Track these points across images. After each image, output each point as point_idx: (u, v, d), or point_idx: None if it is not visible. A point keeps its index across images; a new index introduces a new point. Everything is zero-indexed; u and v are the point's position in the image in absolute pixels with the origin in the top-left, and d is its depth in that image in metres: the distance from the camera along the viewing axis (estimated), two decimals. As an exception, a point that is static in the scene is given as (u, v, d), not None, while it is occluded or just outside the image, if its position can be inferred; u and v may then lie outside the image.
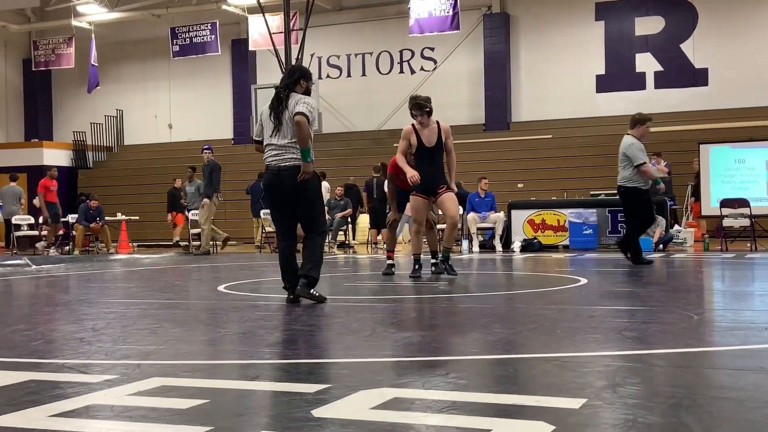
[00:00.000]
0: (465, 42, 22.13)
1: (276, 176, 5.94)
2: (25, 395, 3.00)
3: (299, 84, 6.02)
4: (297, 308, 5.77)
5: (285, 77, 6.10)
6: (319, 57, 23.45)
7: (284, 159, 5.91)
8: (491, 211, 14.99)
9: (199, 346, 4.25)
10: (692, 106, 19.96)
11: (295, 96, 5.95)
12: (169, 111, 25.43)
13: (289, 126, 5.88)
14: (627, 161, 9.65)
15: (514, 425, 2.45)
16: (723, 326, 4.69)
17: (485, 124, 21.95)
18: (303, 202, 5.98)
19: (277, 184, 5.97)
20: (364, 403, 2.75)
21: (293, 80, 6.01)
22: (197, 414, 2.66)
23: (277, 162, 5.94)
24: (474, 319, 5.07)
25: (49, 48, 24.00)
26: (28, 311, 6.40)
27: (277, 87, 6.06)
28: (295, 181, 5.87)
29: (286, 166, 5.89)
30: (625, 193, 9.75)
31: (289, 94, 5.96)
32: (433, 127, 7.97)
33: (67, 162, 24.84)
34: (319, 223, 6.09)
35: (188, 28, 22.50)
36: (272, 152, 5.97)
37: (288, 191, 5.93)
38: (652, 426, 2.43)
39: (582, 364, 3.47)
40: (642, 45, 20.69)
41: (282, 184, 5.93)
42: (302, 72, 6.10)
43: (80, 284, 8.91)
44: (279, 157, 5.93)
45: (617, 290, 7.11)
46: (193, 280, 9.44)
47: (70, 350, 4.11)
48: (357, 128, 23.24)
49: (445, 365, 3.48)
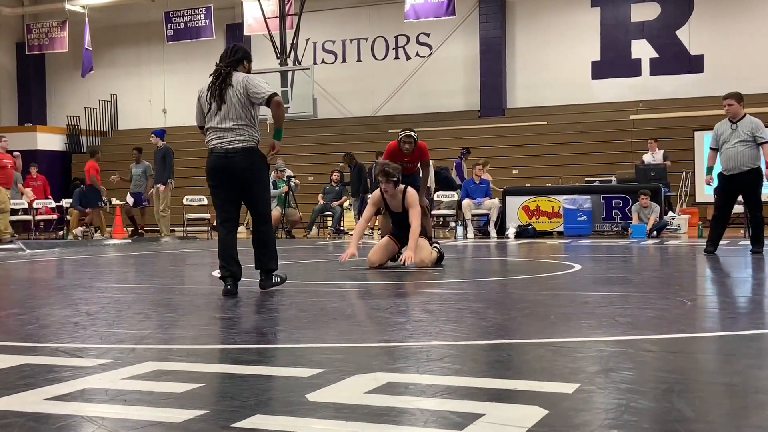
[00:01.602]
0: (460, 28, 22.07)
1: (223, 159, 5.69)
2: (19, 379, 3.00)
3: (242, 64, 5.81)
4: (291, 293, 5.77)
5: (227, 55, 5.80)
6: (314, 42, 23.35)
7: (231, 141, 5.67)
8: (486, 197, 15.00)
9: (194, 330, 4.25)
10: (687, 92, 19.96)
11: (238, 74, 5.72)
12: (164, 95, 25.35)
13: (234, 106, 5.65)
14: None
15: (508, 409, 2.46)
16: (716, 312, 4.71)
17: (480, 110, 21.94)
18: (255, 185, 5.77)
19: (224, 167, 5.70)
20: (358, 387, 2.76)
21: (237, 59, 5.78)
22: (192, 398, 2.67)
23: (223, 144, 5.69)
24: (468, 305, 5.09)
25: (43, 32, 23.87)
26: (22, 295, 6.40)
27: (218, 63, 5.81)
28: (245, 164, 5.66)
29: (234, 149, 5.66)
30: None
31: (230, 71, 5.72)
32: (398, 197, 7.73)
33: (60, 147, 24.78)
34: (267, 205, 5.94)
35: (182, 12, 22.39)
36: (215, 134, 5.73)
37: (238, 174, 5.69)
38: (644, 411, 2.45)
39: (575, 349, 3.48)
40: (638, 31, 20.67)
41: (231, 167, 5.67)
42: (245, 53, 5.88)
43: (74, 269, 8.90)
44: (224, 140, 5.69)
45: (611, 276, 7.13)
46: (188, 266, 9.44)
47: (64, 334, 4.11)
48: (352, 114, 23.19)
49: (440, 350, 3.49)
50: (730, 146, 9.05)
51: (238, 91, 5.66)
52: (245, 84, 5.66)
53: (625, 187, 14.67)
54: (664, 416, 2.40)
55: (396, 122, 21.86)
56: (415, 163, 8.83)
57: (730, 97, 9.13)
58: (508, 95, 22.00)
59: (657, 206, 13.66)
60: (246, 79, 5.68)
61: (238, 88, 5.66)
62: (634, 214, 13.78)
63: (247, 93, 5.65)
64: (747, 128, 8.96)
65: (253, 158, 5.72)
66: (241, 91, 5.66)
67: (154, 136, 15.41)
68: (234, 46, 5.96)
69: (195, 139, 23.83)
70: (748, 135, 8.93)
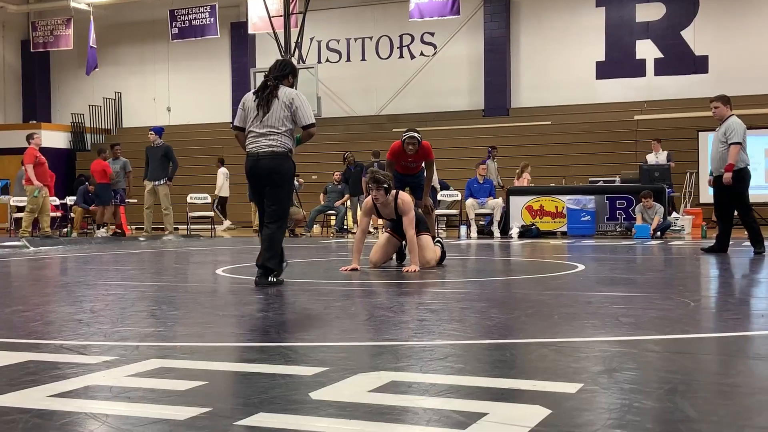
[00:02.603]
0: (465, 27, 22.07)
1: (255, 162, 6.15)
2: (24, 375, 3.01)
3: (287, 78, 6.26)
4: (295, 292, 5.78)
5: (276, 69, 6.26)
6: (318, 41, 23.38)
7: (263, 145, 6.11)
8: (490, 196, 15.00)
9: (198, 328, 4.26)
10: (692, 93, 19.92)
11: (285, 89, 6.17)
12: (168, 94, 25.38)
13: (275, 115, 6.08)
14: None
15: (511, 409, 2.46)
16: (719, 313, 4.71)
17: (485, 109, 21.93)
18: (278, 187, 6.15)
19: (255, 169, 6.16)
20: (362, 385, 2.77)
21: (284, 74, 6.24)
22: (195, 395, 2.67)
23: (256, 148, 6.14)
24: (471, 304, 5.09)
25: (48, 29, 23.90)
26: (26, 292, 6.41)
27: (266, 76, 6.25)
28: (272, 166, 6.08)
29: (264, 152, 6.10)
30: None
31: (278, 84, 6.17)
32: (390, 205, 7.60)
33: (65, 144, 24.82)
34: (284, 207, 6.24)
35: (187, 10, 22.41)
36: (252, 139, 6.17)
37: (265, 176, 6.12)
38: (647, 411, 2.45)
39: (579, 349, 3.48)
40: (642, 32, 20.64)
41: (260, 169, 6.12)
42: (292, 68, 6.37)
43: (78, 266, 8.92)
44: (258, 144, 6.13)
45: (615, 277, 7.12)
46: (192, 264, 9.45)
47: (68, 331, 4.12)
48: (356, 113, 23.20)
49: (443, 349, 3.49)
50: (714, 148, 9.43)
51: (283, 104, 6.10)
52: (293, 101, 6.12)
53: (629, 187, 14.65)
54: (667, 416, 2.40)
55: (400, 121, 21.85)
56: (419, 163, 8.83)
57: (716, 100, 9.44)
58: (512, 95, 21.98)
59: (661, 207, 13.64)
60: (295, 97, 6.13)
61: (284, 101, 6.10)
62: (637, 214, 13.76)
63: (293, 110, 6.11)
64: (722, 130, 9.26)
65: (281, 162, 6.11)
66: (287, 104, 6.10)
67: (153, 133, 15.35)
68: (282, 61, 6.42)
69: (199, 138, 23.90)
70: (722, 137, 9.23)
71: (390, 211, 7.63)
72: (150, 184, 15.03)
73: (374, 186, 7.46)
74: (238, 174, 19.19)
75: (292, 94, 6.15)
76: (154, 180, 15.02)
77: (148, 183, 15.05)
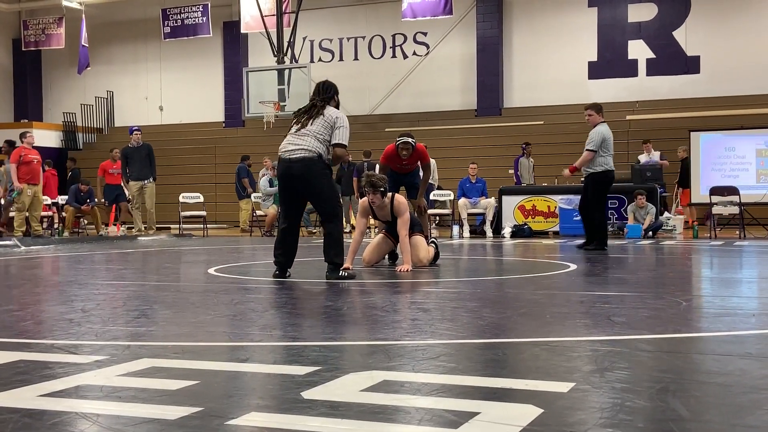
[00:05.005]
0: (458, 27, 22.08)
1: (287, 165, 6.52)
2: (14, 375, 2.99)
3: (333, 99, 6.77)
4: (287, 291, 5.78)
5: (321, 91, 6.75)
6: (311, 40, 23.36)
7: (294, 150, 6.49)
8: (482, 196, 15.01)
9: (189, 327, 4.25)
10: (684, 93, 19.99)
11: (331, 109, 6.64)
12: (160, 93, 25.32)
13: (316, 126, 6.50)
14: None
15: (503, 408, 2.46)
16: (711, 312, 4.72)
17: (477, 109, 21.95)
18: (315, 189, 6.54)
19: (287, 173, 6.54)
20: (354, 385, 2.76)
21: (329, 96, 6.75)
22: (187, 395, 2.66)
23: (288, 153, 6.53)
24: (464, 304, 5.09)
25: (39, 28, 23.82)
26: (17, 292, 6.38)
27: (313, 98, 6.76)
28: (303, 171, 6.44)
29: (295, 157, 6.47)
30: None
31: (324, 105, 6.66)
32: (386, 208, 7.66)
33: (57, 143, 24.74)
34: (330, 205, 6.62)
35: (179, 9, 22.37)
36: (287, 144, 6.57)
37: (297, 180, 6.50)
38: (639, 410, 2.45)
39: (571, 348, 3.48)
40: (635, 32, 20.69)
41: (292, 173, 6.49)
42: (336, 90, 6.84)
43: (70, 265, 8.88)
44: (290, 148, 6.52)
45: (607, 276, 7.14)
46: (183, 263, 9.43)
47: (59, 331, 4.10)
48: (349, 112, 22.95)
49: (435, 348, 3.49)
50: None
51: (326, 120, 6.56)
52: (337, 120, 6.57)
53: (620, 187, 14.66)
54: (659, 415, 2.40)
55: (393, 121, 21.86)
56: (413, 165, 8.86)
57: (590, 108, 10.53)
58: (504, 95, 22.00)
59: (653, 207, 13.67)
60: (339, 117, 6.58)
61: (330, 116, 6.58)
62: (629, 214, 13.80)
63: (333, 126, 6.55)
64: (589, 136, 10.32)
65: (311, 165, 6.46)
66: (331, 119, 6.56)
67: (139, 133, 15.33)
68: (325, 83, 6.88)
69: (191, 137, 23.86)
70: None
71: (386, 213, 7.69)
72: (138, 183, 15.02)
73: (371, 190, 7.50)
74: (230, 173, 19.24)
75: (337, 113, 6.59)
76: (143, 179, 15.01)
77: (136, 183, 15.03)
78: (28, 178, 14.33)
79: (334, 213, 6.61)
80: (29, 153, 14.48)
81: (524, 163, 16.77)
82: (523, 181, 16.59)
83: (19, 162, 14.24)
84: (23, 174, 14.27)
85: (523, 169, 16.63)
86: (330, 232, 6.56)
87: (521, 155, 16.95)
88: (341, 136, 6.53)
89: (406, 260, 7.34)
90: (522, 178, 16.72)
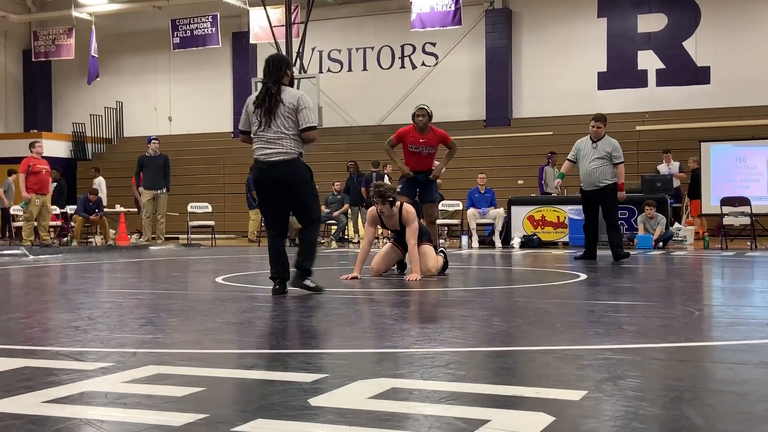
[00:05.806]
0: (467, 37, 22.08)
1: (266, 170, 5.98)
2: (19, 381, 2.97)
3: (285, 75, 6.04)
4: (294, 299, 5.74)
5: (271, 71, 5.99)
6: (320, 51, 23.40)
7: (273, 153, 5.93)
8: (491, 206, 14.96)
9: (196, 335, 4.21)
10: (694, 104, 19.92)
11: (289, 90, 5.98)
12: (169, 103, 25.39)
13: (281, 119, 5.89)
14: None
15: (514, 416, 2.41)
16: (724, 322, 4.66)
17: (486, 120, 21.92)
18: (298, 193, 6.04)
19: (267, 178, 6.01)
20: (361, 392, 2.72)
21: (281, 74, 6.00)
22: (193, 402, 2.63)
23: (266, 156, 5.95)
24: (473, 312, 5.04)
25: (49, 39, 23.93)
26: (24, 300, 6.37)
27: (264, 82, 6.00)
28: (286, 175, 5.93)
29: (276, 161, 5.92)
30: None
31: (280, 88, 5.95)
32: (395, 218, 7.60)
33: (66, 154, 24.81)
34: (311, 210, 6.17)
35: (189, 20, 22.44)
36: (260, 145, 5.98)
37: (280, 185, 5.98)
38: (653, 418, 2.40)
39: (582, 356, 3.43)
40: (644, 42, 20.64)
41: (273, 178, 5.97)
42: (286, 62, 6.14)
43: (77, 274, 8.87)
44: (267, 151, 5.95)
45: (617, 286, 7.08)
46: (191, 272, 9.41)
47: (65, 338, 4.08)
48: (357, 123, 23.19)
49: (444, 356, 3.44)
50: (585, 163, 10.24)
51: (288, 106, 5.90)
52: (298, 103, 5.91)
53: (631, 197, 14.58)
54: (673, 424, 2.35)
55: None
56: (432, 147, 8.76)
57: (599, 120, 10.33)
58: (513, 105, 21.97)
59: (663, 217, 13.60)
60: (300, 98, 5.94)
61: (290, 102, 5.90)
62: (640, 224, 13.72)
63: (297, 111, 5.91)
64: (603, 147, 10.12)
65: (294, 169, 5.95)
66: (293, 105, 5.90)
67: (157, 142, 15.33)
68: (273, 59, 6.08)
69: (200, 147, 23.90)
70: (604, 153, 10.08)
71: (394, 222, 7.67)
72: (151, 192, 14.97)
73: (379, 200, 7.47)
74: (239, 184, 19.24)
75: (297, 95, 5.97)
76: (157, 189, 14.97)
77: (148, 192, 14.99)
78: (36, 188, 14.36)
79: (314, 217, 6.20)
80: (38, 163, 14.51)
81: (549, 171, 16.71)
82: (547, 189, 16.53)
83: (28, 172, 14.28)
84: (32, 184, 14.31)
85: (548, 178, 16.57)
86: (307, 237, 6.18)
87: (546, 164, 16.89)
88: (308, 119, 5.91)
89: (415, 269, 7.30)
90: (547, 186, 16.64)
